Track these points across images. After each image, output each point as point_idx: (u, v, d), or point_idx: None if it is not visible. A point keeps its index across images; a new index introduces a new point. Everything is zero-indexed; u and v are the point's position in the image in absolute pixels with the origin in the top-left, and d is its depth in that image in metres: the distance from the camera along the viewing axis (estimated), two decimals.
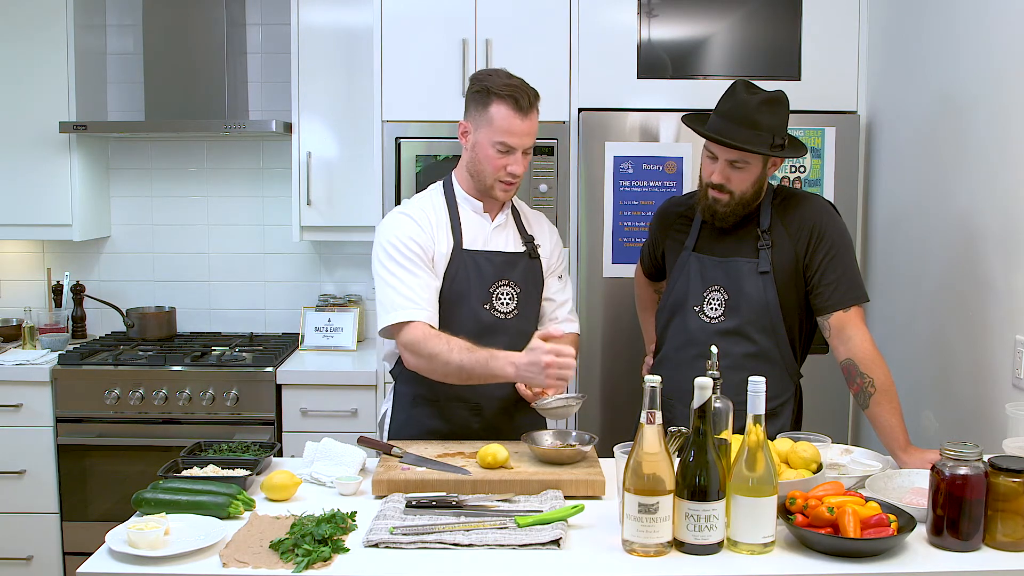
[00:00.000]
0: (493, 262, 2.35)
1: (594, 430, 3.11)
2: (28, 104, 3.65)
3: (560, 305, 2.50)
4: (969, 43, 2.65)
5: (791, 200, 2.41)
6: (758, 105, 2.25)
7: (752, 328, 2.35)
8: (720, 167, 2.31)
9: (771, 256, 2.34)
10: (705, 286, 2.40)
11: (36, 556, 3.52)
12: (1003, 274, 2.46)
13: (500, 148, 2.27)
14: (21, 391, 3.45)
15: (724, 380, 1.94)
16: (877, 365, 2.24)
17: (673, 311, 2.47)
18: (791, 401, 2.42)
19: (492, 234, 2.38)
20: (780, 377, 2.37)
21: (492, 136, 2.26)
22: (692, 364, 2.29)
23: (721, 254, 2.40)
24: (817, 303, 2.34)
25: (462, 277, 2.32)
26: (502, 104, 2.25)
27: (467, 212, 2.38)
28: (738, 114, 2.26)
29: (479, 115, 2.29)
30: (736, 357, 2.32)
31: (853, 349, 2.26)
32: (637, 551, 1.66)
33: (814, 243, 2.33)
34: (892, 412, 2.20)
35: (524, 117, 2.26)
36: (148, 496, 1.85)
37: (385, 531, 1.72)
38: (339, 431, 3.08)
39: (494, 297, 2.34)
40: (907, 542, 1.71)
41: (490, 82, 2.28)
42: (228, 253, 4.08)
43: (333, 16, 3.63)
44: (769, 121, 2.26)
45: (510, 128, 2.25)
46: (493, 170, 2.29)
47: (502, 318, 2.35)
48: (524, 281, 2.39)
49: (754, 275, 2.35)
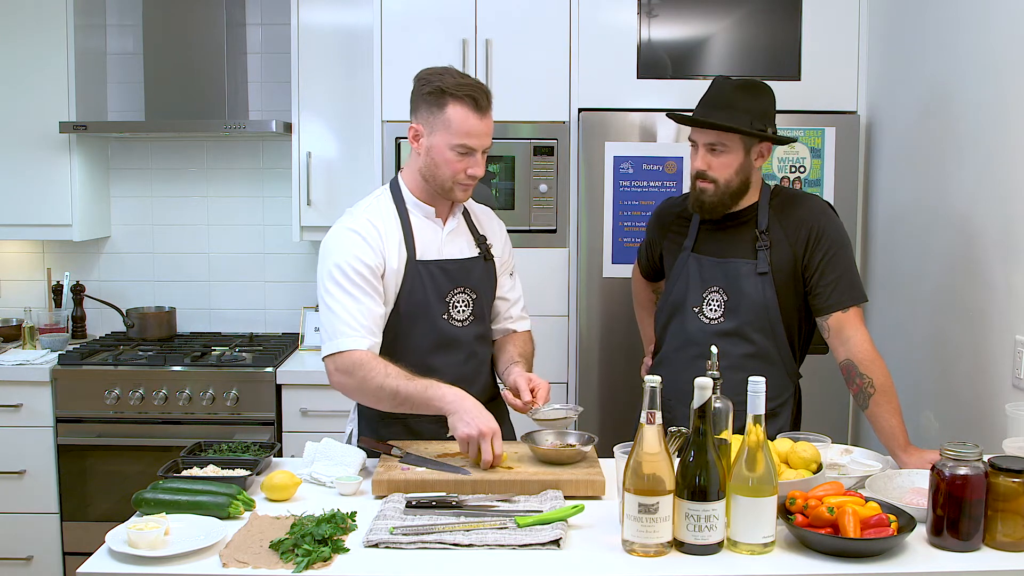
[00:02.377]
0: (447, 271, 2.27)
1: (594, 430, 3.11)
2: (28, 104, 3.64)
3: (513, 303, 2.45)
4: (969, 43, 2.65)
5: (789, 201, 2.41)
6: (734, 88, 2.31)
7: (751, 329, 2.35)
8: (701, 153, 2.33)
9: (769, 257, 2.34)
10: (704, 287, 2.40)
11: (36, 556, 3.52)
12: (1003, 274, 2.46)
13: (460, 150, 2.17)
14: (21, 391, 3.45)
15: (724, 380, 1.93)
16: (876, 366, 2.24)
17: (672, 312, 2.47)
18: (790, 401, 2.43)
19: (445, 241, 2.29)
20: (779, 377, 2.37)
21: (450, 139, 2.17)
22: (692, 365, 2.29)
23: (720, 255, 2.40)
24: (816, 304, 2.34)
25: (418, 289, 2.24)
26: (459, 105, 2.15)
27: (419, 219, 2.28)
28: (714, 98, 2.32)
29: (433, 117, 2.18)
30: (735, 358, 2.32)
31: (852, 350, 2.26)
32: (637, 551, 1.66)
33: (812, 244, 2.33)
34: (892, 412, 2.20)
35: (482, 117, 2.18)
36: (148, 496, 1.85)
37: (385, 531, 1.72)
38: (339, 431, 3.07)
39: (450, 306, 2.28)
40: (907, 542, 1.71)
41: (443, 82, 2.17)
42: (228, 253, 4.08)
43: (333, 16, 3.63)
44: (746, 104, 2.29)
45: (470, 130, 2.16)
46: (452, 173, 2.20)
47: (459, 326, 2.29)
48: (479, 286, 2.33)
49: (753, 276, 2.35)
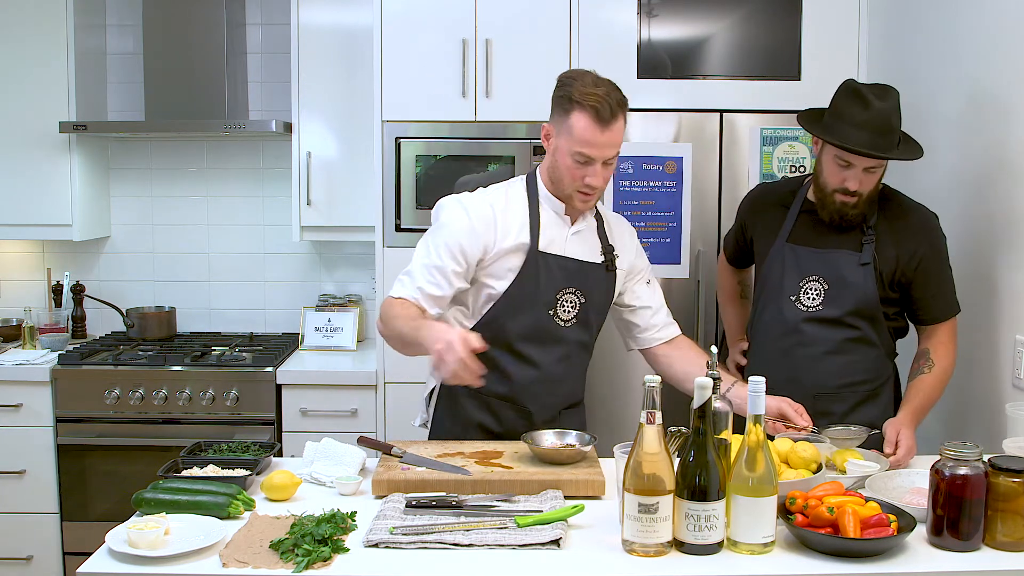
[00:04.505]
0: (566, 268, 2.27)
1: (594, 430, 3.11)
2: (28, 104, 3.64)
3: (656, 311, 2.42)
4: (969, 43, 2.65)
5: (901, 204, 2.45)
6: (892, 110, 2.30)
7: (851, 316, 2.40)
8: (856, 174, 2.31)
9: (874, 251, 2.38)
10: (802, 276, 2.43)
11: (36, 556, 3.52)
12: (1003, 274, 2.47)
13: (578, 159, 2.16)
14: (21, 391, 3.45)
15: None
16: (947, 359, 2.37)
17: (767, 302, 2.49)
18: (890, 381, 2.49)
19: (570, 239, 2.29)
20: (879, 358, 2.44)
21: (571, 145, 2.15)
22: (790, 352, 2.40)
23: (820, 246, 2.43)
24: (919, 315, 2.44)
25: (531, 277, 2.24)
26: (582, 114, 2.13)
27: (548, 212, 2.28)
28: (878, 123, 2.28)
29: (560, 121, 2.19)
30: (836, 342, 2.40)
31: (934, 344, 2.40)
32: (637, 551, 1.66)
33: (923, 259, 2.38)
34: (931, 387, 2.34)
35: (605, 128, 2.13)
36: (148, 496, 1.85)
37: (385, 531, 1.72)
38: (339, 431, 3.08)
39: (558, 303, 2.28)
40: (907, 542, 1.71)
41: (573, 88, 2.16)
42: (228, 253, 4.08)
43: (333, 16, 3.63)
44: (899, 123, 2.33)
45: (590, 140, 2.13)
46: (571, 179, 2.19)
47: (562, 325, 2.29)
48: (592, 291, 2.31)
49: (855, 266, 2.38)
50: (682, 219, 3.28)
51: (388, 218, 3.35)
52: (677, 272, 3.30)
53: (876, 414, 2.40)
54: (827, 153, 2.35)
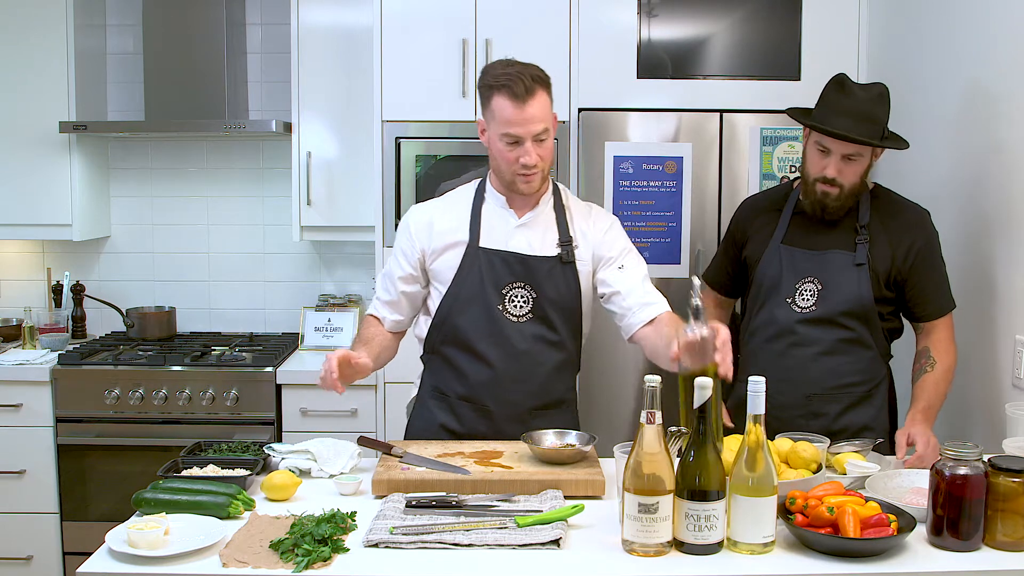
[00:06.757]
0: (508, 263, 2.26)
1: (594, 430, 3.11)
2: (28, 104, 3.65)
3: (627, 294, 2.26)
4: (968, 43, 2.65)
5: (894, 203, 2.45)
6: (872, 100, 2.33)
7: (845, 317, 2.39)
8: (834, 161, 2.34)
9: (868, 251, 2.38)
10: (797, 278, 2.43)
11: (36, 556, 3.52)
12: (1004, 274, 2.47)
13: (507, 140, 2.17)
14: (21, 391, 3.45)
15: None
16: (948, 356, 2.37)
17: (761, 303, 2.49)
18: (884, 382, 2.48)
19: (514, 233, 2.27)
20: (873, 359, 2.43)
21: (497, 129, 2.17)
22: (784, 354, 2.41)
23: (814, 247, 2.43)
24: (916, 311, 2.44)
25: (473, 274, 2.25)
26: (499, 96, 2.16)
27: (491, 208, 2.30)
28: (857, 110, 2.31)
29: (486, 111, 2.21)
30: (830, 343, 2.40)
31: (933, 341, 2.40)
32: (637, 551, 1.66)
33: (918, 256, 2.39)
34: (936, 383, 2.34)
35: (523, 104, 2.13)
36: (148, 496, 1.85)
37: (385, 531, 1.72)
38: (339, 431, 3.08)
39: (507, 299, 2.27)
40: (907, 542, 1.71)
41: (488, 75, 2.19)
42: (228, 253, 4.08)
43: (333, 16, 3.63)
44: (882, 115, 2.35)
45: (510, 118, 2.14)
46: (506, 164, 2.19)
47: (515, 321, 2.27)
48: (543, 285, 2.26)
49: (850, 267, 2.38)
50: (682, 219, 3.28)
51: (388, 218, 3.36)
52: (676, 272, 3.29)
53: (870, 416, 2.40)
54: (810, 142, 2.40)
